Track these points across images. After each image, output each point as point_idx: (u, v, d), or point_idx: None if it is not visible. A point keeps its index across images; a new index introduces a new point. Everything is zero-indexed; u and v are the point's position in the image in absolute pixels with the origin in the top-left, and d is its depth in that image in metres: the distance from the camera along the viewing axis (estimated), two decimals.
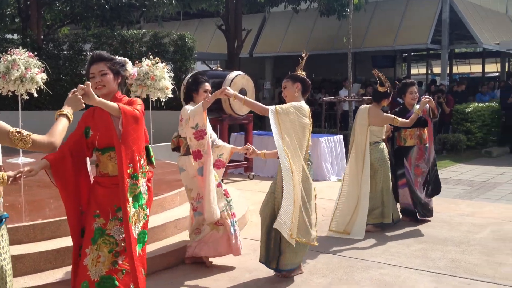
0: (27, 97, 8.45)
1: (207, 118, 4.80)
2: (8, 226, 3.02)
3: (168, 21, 21.37)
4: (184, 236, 5.43)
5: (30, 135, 2.73)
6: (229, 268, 4.99)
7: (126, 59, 3.62)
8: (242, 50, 17.71)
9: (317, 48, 19.26)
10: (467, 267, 4.99)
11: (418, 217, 6.59)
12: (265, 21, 21.35)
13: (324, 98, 13.81)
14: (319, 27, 19.62)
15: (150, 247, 5.05)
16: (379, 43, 18.26)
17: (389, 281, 4.66)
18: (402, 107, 6.74)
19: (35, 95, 8.44)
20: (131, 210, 3.28)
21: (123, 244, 3.29)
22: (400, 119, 6.22)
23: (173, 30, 14.42)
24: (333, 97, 13.84)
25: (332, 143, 9.75)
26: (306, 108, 4.61)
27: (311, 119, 4.65)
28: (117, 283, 3.25)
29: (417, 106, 6.49)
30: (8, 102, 10.89)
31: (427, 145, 6.52)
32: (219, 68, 10.18)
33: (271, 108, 4.50)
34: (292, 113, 4.47)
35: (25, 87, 8.39)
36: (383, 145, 6.32)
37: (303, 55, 4.96)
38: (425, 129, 6.56)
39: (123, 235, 3.29)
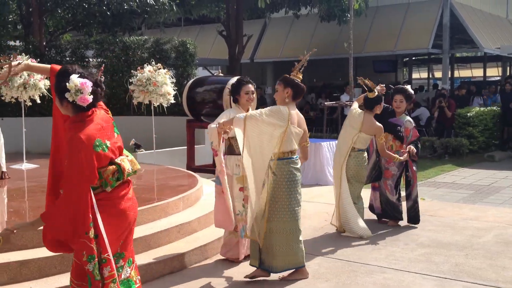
0: (30, 104, 8.49)
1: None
2: None
3: (170, 27, 21.46)
4: (188, 241, 5.45)
5: None
6: (234, 272, 4.99)
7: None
8: (243, 56, 17.79)
9: (317, 53, 19.16)
10: (471, 271, 4.99)
11: (387, 219, 6.73)
12: (266, 27, 21.42)
13: (325, 103, 13.84)
14: (319, 32, 19.68)
15: (154, 252, 5.07)
16: (380, 48, 18.31)
17: (392, 286, 4.66)
18: (391, 111, 6.72)
19: (38, 101, 8.47)
20: None
21: None
22: (381, 141, 6.13)
23: (174, 36, 14.46)
24: (334, 102, 13.87)
25: (333, 147, 9.76)
26: (285, 112, 4.59)
27: (288, 123, 4.57)
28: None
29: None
30: (11, 108, 10.92)
31: (400, 151, 6.52)
32: (221, 74, 10.21)
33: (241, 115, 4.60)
34: (261, 118, 4.48)
35: (28, 94, 8.43)
36: (365, 154, 6.29)
37: (303, 57, 4.96)
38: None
39: None
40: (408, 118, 6.77)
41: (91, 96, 3.12)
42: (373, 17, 18.48)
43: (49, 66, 3.50)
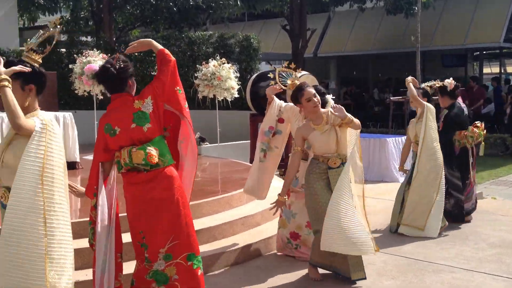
0: (102, 97, 8.80)
1: None
2: None
3: (234, 23, 21.62)
4: (252, 233, 5.49)
5: None
6: (297, 266, 4.99)
7: None
8: (306, 50, 17.68)
9: (383, 47, 18.93)
10: None
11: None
12: (330, 21, 21.19)
13: (391, 98, 13.55)
14: (385, 25, 19.26)
15: (219, 243, 5.15)
16: (448, 42, 17.71)
17: (461, 286, 4.52)
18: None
19: (109, 95, 8.75)
20: None
21: None
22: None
23: (238, 31, 14.60)
24: (400, 97, 13.55)
25: (400, 143, 9.55)
26: None
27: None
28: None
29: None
30: (84, 102, 11.37)
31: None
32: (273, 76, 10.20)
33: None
34: None
35: (99, 88, 8.74)
36: None
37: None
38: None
39: None
40: None
41: (91, 81, 3.55)
42: (441, 10, 17.88)
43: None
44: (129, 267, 3.86)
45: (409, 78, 6.22)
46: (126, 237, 3.73)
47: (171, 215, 3.49)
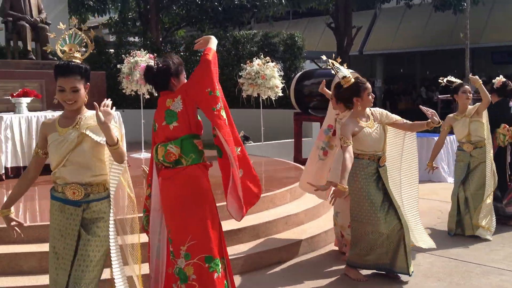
0: (148, 96, 8.98)
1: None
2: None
3: (278, 21, 21.65)
4: (295, 232, 5.50)
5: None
6: (342, 265, 4.97)
7: None
8: (352, 48, 17.52)
9: (431, 44, 18.56)
10: None
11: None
12: (376, 18, 20.92)
13: (439, 96, 13.27)
14: (433, 22, 18.87)
15: (262, 242, 5.18)
16: (499, 38, 17.21)
17: None
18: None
19: (156, 94, 8.93)
20: None
21: None
22: None
23: (283, 30, 14.60)
24: (449, 95, 13.24)
25: (448, 143, 9.34)
26: None
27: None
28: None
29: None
30: (131, 101, 11.64)
31: None
32: (329, 66, 10.14)
33: None
34: None
35: (146, 87, 8.93)
36: None
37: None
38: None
39: None
40: None
41: (143, 79, 3.75)
42: (491, 5, 17.38)
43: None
44: None
45: (475, 76, 6.03)
46: None
47: (187, 214, 3.51)
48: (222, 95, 3.65)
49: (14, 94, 7.41)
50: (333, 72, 4.69)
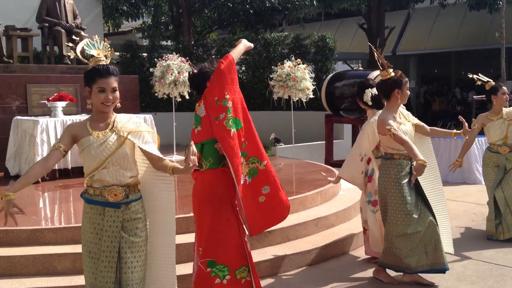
0: (180, 99, 9.08)
1: None
2: None
3: (310, 23, 21.55)
4: (325, 234, 5.47)
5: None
6: (372, 269, 4.93)
7: None
8: (384, 49, 17.32)
9: (466, 44, 18.22)
10: None
11: None
12: (410, 18, 20.65)
13: (474, 97, 13.00)
14: (468, 22, 18.52)
15: (292, 244, 5.18)
16: None
17: None
18: None
19: (187, 97, 9.03)
20: None
21: None
22: None
23: (314, 31, 14.53)
24: (483, 96, 12.96)
25: (483, 144, 9.16)
26: None
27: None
28: None
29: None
30: (163, 104, 11.79)
31: None
32: (361, 68, 10.07)
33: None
34: None
35: (178, 90, 9.03)
36: None
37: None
38: None
39: None
40: None
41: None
42: None
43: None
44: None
45: None
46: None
47: (201, 217, 3.69)
48: (240, 104, 3.64)
49: (50, 98, 7.60)
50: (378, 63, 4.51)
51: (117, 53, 13.55)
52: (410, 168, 4.37)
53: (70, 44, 3.10)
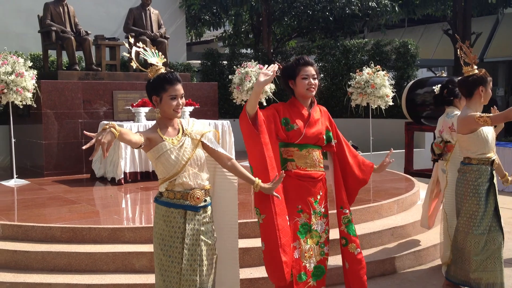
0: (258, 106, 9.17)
1: None
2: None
3: (392, 29, 21.13)
4: (401, 244, 5.33)
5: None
6: None
7: None
8: None
9: None
10: None
11: None
12: (498, 23, 19.71)
13: None
14: None
15: (365, 253, 5.07)
16: None
17: None
18: None
19: (264, 104, 9.13)
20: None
21: (324, 235, 3.67)
22: None
23: (396, 38, 14.22)
24: None
25: None
26: None
27: None
28: (325, 270, 3.68)
29: None
30: (241, 110, 11.93)
31: None
32: (444, 74, 9.75)
33: None
34: None
35: None
36: None
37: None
38: None
39: (324, 227, 3.67)
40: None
41: None
42: None
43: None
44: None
45: None
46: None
47: None
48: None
49: (134, 104, 7.95)
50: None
51: (198, 61, 13.92)
52: (490, 174, 4.16)
53: (132, 55, 3.12)
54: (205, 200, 3.05)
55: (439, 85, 5.23)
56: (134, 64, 3.09)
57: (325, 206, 3.72)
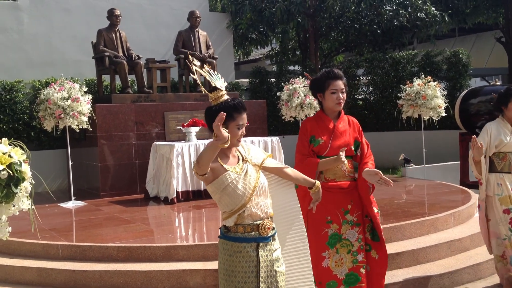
0: None
1: None
2: None
3: (443, 39, 20.73)
4: (459, 258, 5.18)
5: None
6: None
7: None
8: None
9: None
10: None
11: None
12: None
13: None
14: None
15: (422, 267, 4.96)
16: None
17: None
18: None
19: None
20: (375, 209, 3.66)
21: (357, 243, 3.65)
22: None
23: (446, 48, 13.95)
24: None
25: None
26: None
27: None
28: (360, 277, 3.64)
29: None
30: (290, 127, 11.98)
31: None
32: (498, 83, 9.48)
33: None
34: None
35: (304, 113, 9.16)
36: None
37: None
38: None
39: (357, 236, 3.65)
40: None
41: None
42: None
43: None
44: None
45: None
46: None
47: None
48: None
49: (185, 124, 8.10)
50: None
51: (247, 80, 14.06)
52: None
53: (195, 77, 3.12)
54: (273, 228, 2.90)
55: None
56: (203, 90, 2.98)
57: (358, 215, 3.69)
